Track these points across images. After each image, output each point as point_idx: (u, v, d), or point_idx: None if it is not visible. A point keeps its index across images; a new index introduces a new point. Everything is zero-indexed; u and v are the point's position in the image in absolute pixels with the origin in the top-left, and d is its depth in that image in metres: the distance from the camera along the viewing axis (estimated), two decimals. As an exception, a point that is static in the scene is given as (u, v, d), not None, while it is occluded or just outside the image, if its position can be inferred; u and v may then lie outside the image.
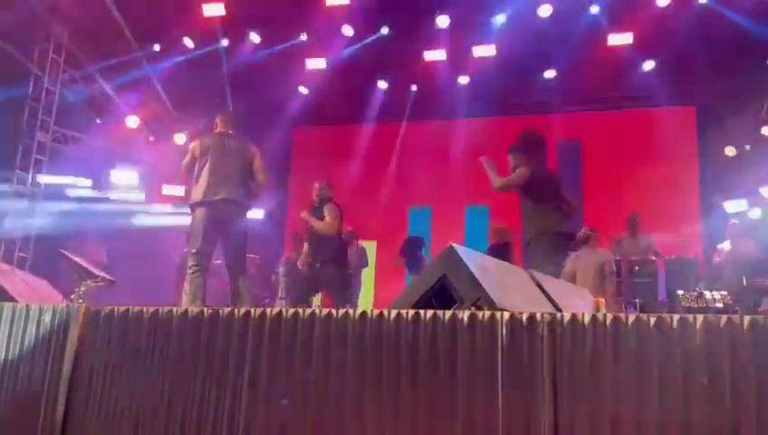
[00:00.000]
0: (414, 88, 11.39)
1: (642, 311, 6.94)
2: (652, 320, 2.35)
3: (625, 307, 7.31)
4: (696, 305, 6.36)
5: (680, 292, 6.81)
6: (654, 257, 7.74)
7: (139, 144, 10.59)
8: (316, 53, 10.26)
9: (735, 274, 6.84)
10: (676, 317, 2.34)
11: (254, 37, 10.19)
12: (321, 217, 6.41)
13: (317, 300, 6.97)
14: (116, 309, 2.97)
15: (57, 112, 9.57)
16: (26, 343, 3.06)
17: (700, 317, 2.31)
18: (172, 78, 10.38)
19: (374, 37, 10.12)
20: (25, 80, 9.13)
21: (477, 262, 2.88)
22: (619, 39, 9.41)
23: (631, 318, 2.39)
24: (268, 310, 2.76)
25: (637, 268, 7.76)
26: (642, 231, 8.02)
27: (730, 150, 9.82)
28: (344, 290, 6.80)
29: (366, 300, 9.96)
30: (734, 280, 6.84)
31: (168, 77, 10.41)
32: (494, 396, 2.42)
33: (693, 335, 2.25)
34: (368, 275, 9.87)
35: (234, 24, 9.76)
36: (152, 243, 9.21)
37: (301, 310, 2.71)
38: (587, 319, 2.44)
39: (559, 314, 2.51)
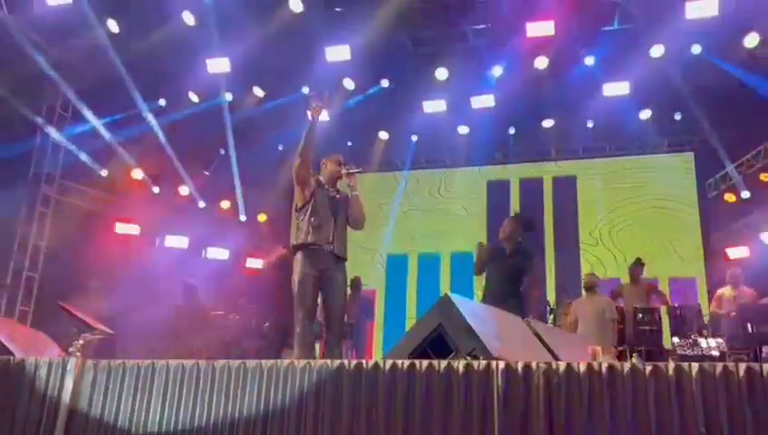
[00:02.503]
0: (414, 138, 11.57)
1: (648, 359, 6.82)
2: (648, 368, 2.34)
3: (630, 355, 7.19)
4: (690, 353, 6.26)
5: (675, 339, 6.72)
6: (658, 305, 7.65)
7: (143, 196, 10.69)
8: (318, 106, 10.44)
9: (736, 321, 6.75)
10: (671, 365, 2.33)
11: (258, 91, 10.42)
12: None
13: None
14: (111, 362, 2.97)
15: (63, 166, 9.72)
16: (22, 396, 3.05)
17: (696, 366, 2.30)
18: (177, 131, 10.58)
19: (375, 90, 10.34)
20: (32, 134, 9.30)
21: (473, 311, 2.88)
22: (616, 89, 9.58)
23: (626, 367, 2.38)
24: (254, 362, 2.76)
25: (641, 316, 7.66)
26: (643, 277, 7.97)
27: (730, 196, 9.87)
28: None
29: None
30: (735, 327, 6.75)
31: (173, 130, 10.61)
32: (489, 447, 2.39)
33: (689, 384, 2.24)
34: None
35: (238, 79, 9.99)
36: (151, 294, 9.20)
37: (294, 361, 2.71)
38: (582, 368, 2.43)
39: (554, 363, 2.50)
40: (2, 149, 8.32)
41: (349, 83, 10.04)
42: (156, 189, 10.86)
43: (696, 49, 8.97)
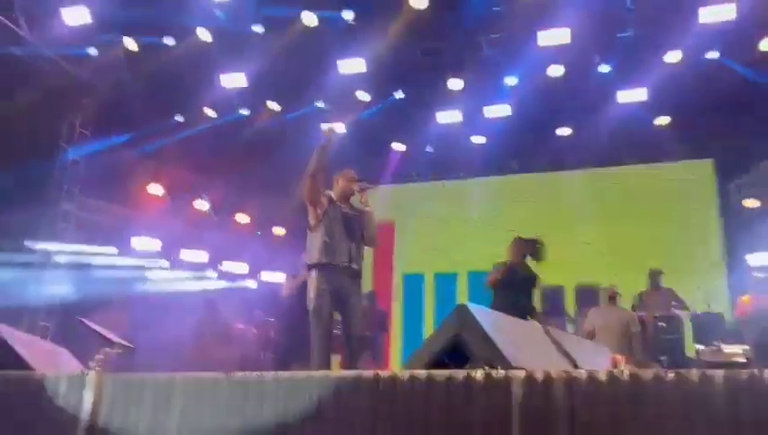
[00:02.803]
0: (429, 149, 11.56)
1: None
2: (671, 375, 2.28)
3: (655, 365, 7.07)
4: (715, 360, 6.14)
5: (698, 346, 6.61)
6: (678, 311, 7.53)
7: (161, 211, 10.80)
8: (333, 120, 10.50)
9: (759, 327, 6.62)
10: (696, 373, 2.28)
11: (273, 105, 10.49)
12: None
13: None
14: (129, 376, 2.98)
15: (82, 182, 9.85)
16: (42, 411, 3.06)
17: (721, 373, 2.24)
18: (193, 146, 10.69)
19: (389, 101, 10.36)
20: (52, 151, 9.45)
21: (491, 320, 2.85)
22: (631, 95, 9.51)
23: (650, 374, 2.33)
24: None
25: (662, 324, 7.55)
26: (663, 286, 7.84)
27: (750, 202, 9.72)
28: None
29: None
30: (758, 334, 6.62)
31: (190, 145, 10.73)
32: (510, 458, 2.35)
33: (715, 391, 2.18)
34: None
35: (253, 94, 10.08)
36: (171, 308, 9.26)
37: (312, 373, 2.69)
38: (604, 376, 2.39)
39: (576, 372, 2.46)
40: (23, 166, 8.44)
41: (362, 96, 10.07)
42: (173, 204, 10.97)
43: (713, 54, 8.89)
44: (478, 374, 2.53)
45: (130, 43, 8.94)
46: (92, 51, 9.07)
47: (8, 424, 3.02)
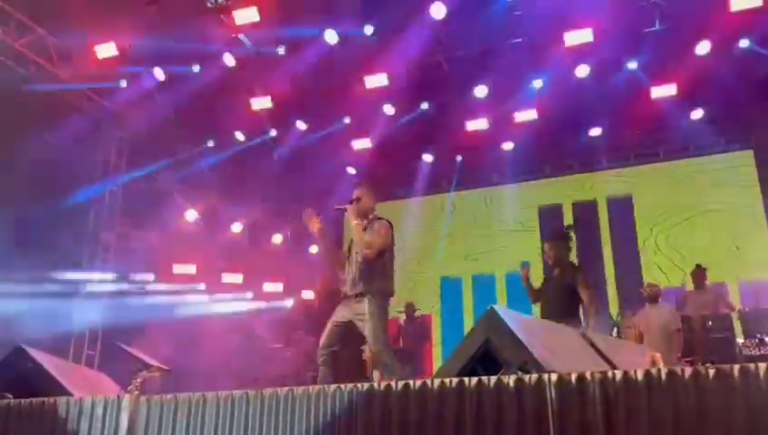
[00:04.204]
0: (459, 158, 11.50)
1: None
2: (711, 371, 2.19)
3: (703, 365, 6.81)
4: (758, 353, 5.89)
5: (740, 340, 6.35)
6: (726, 310, 7.28)
7: (197, 236, 10.97)
8: (360, 135, 10.56)
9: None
10: (736, 367, 2.18)
11: (301, 125, 10.59)
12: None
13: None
14: (163, 397, 3.00)
15: (120, 211, 10.10)
16: (80, 434, 3.10)
17: (763, 365, 2.14)
18: (226, 170, 10.86)
19: (415, 113, 10.36)
20: (90, 184, 9.73)
21: (521, 323, 2.79)
22: (663, 91, 9.29)
23: (688, 371, 2.24)
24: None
25: (710, 323, 7.29)
26: (709, 283, 7.60)
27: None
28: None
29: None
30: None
31: (223, 169, 10.90)
32: (545, 464, 2.28)
33: (757, 385, 2.09)
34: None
35: (280, 115, 10.20)
36: (210, 331, 9.37)
37: (342, 386, 2.67)
38: (640, 375, 2.31)
39: (610, 373, 2.38)
40: (63, 198, 8.70)
41: (389, 109, 10.09)
42: (208, 229, 11.13)
43: (744, 42, 8.65)
44: (510, 380, 2.47)
45: (159, 74, 9.15)
46: (123, 83, 9.32)
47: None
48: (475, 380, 2.51)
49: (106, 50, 8.49)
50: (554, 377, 2.40)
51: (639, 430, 2.19)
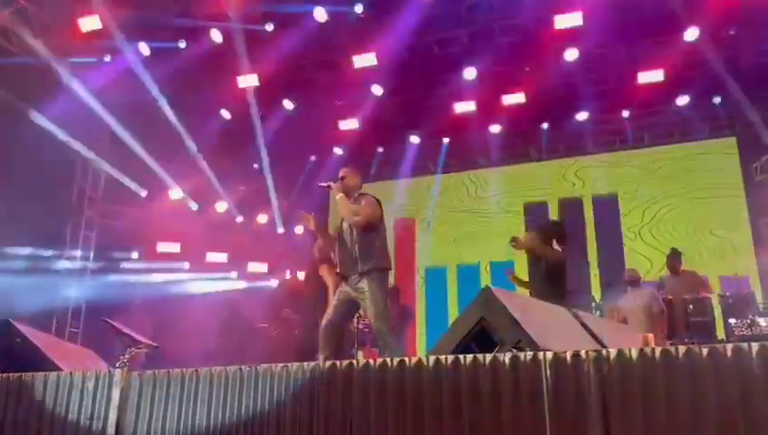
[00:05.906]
0: (446, 140, 11.49)
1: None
2: (704, 350, 2.23)
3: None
4: (749, 333, 6.01)
5: (732, 320, 6.48)
6: (706, 293, 7.38)
7: (182, 214, 10.87)
8: (348, 115, 10.49)
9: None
10: (729, 346, 2.21)
11: (288, 104, 10.49)
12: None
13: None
14: (156, 372, 2.98)
15: (104, 189, 9.97)
16: (71, 408, 3.08)
17: (756, 345, 2.18)
18: (210, 148, 10.74)
19: (404, 94, 10.30)
20: (74, 160, 9.57)
21: (516, 302, 2.80)
22: (650, 77, 9.34)
23: (682, 350, 2.27)
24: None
25: (691, 307, 7.39)
26: (685, 267, 7.67)
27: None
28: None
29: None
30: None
31: (207, 148, 10.77)
32: (541, 440, 2.31)
33: (749, 364, 2.12)
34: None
35: (267, 93, 10.08)
36: (194, 310, 9.33)
37: (337, 362, 2.67)
38: (635, 354, 2.33)
39: (605, 351, 2.41)
40: (45, 174, 8.56)
41: (377, 89, 10.03)
42: (194, 207, 11.03)
43: (733, 29, 8.71)
44: (506, 357, 2.48)
45: (144, 48, 8.99)
46: (107, 58, 9.14)
47: (38, 422, 3.05)
48: (470, 357, 2.52)
49: (90, 23, 8.31)
50: (549, 355, 2.42)
51: (634, 409, 2.22)
